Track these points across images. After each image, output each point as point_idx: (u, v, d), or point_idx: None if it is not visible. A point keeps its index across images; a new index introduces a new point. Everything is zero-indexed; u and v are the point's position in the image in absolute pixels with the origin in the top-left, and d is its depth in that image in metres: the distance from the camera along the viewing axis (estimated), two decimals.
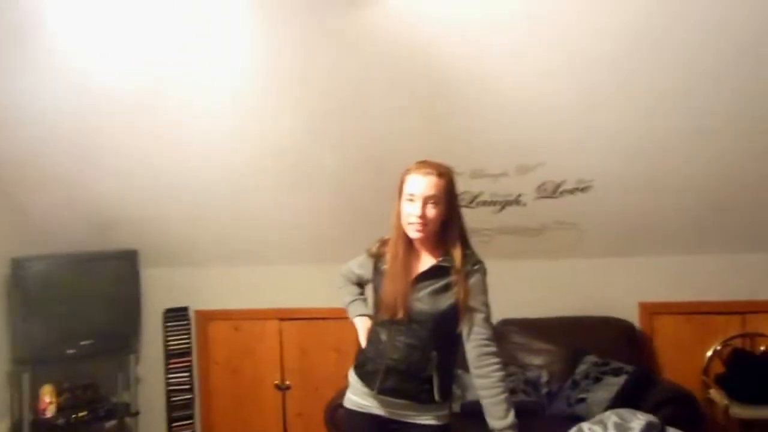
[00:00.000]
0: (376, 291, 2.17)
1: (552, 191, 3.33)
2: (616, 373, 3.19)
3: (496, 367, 1.97)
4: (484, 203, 3.45)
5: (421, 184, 1.99)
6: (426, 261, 2.08)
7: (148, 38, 2.79)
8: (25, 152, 3.44)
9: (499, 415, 1.94)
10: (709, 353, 3.57)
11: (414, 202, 1.99)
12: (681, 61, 2.65)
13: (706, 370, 3.56)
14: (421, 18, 2.58)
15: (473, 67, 2.75)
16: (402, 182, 2.05)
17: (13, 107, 3.18)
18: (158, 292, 4.18)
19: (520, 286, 3.72)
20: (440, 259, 2.05)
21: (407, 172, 2.04)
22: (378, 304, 2.13)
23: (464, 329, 2.00)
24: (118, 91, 3.03)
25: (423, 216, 1.98)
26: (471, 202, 3.43)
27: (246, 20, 2.68)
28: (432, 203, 1.99)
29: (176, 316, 4.17)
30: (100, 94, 3.06)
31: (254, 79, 2.94)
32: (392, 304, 2.03)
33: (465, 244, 2.06)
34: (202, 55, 2.85)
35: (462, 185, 3.29)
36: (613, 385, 3.13)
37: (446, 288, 2.02)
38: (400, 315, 2.02)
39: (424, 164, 2.03)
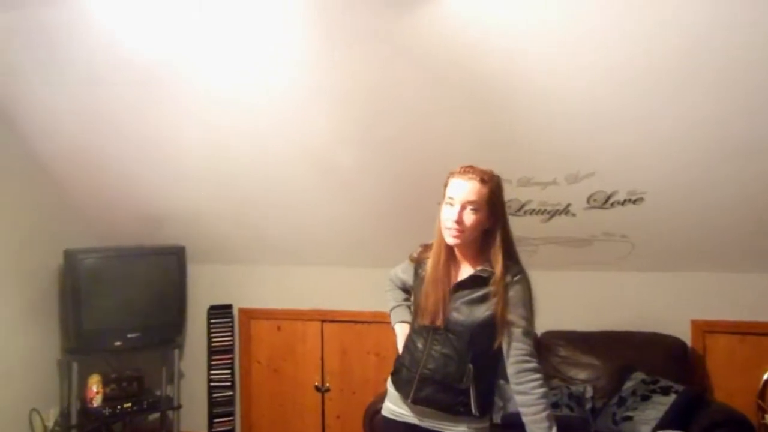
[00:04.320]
0: (415, 297, 2.13)
1: (603, 202, 3.24)
2: (666, 391, 3.08)
3: (537, 383, 1.90)
4: (532, 212, 3.38)
5: (461, 189, 1.94)
6: (465, 270, 2.03)
7: (194, 29, 2.82)
8: (79, 147, 3.55)
9: None
10: (766, 376, 3.41)
11: (453, 207, 1.94)
12: (739, 70, 2.54)
13: (761, 394, 3.40)
14: (472, 22, 2.54)
15: (523, 73, 2.70)
16: (445, 185, 2.00)
17: (67, 102, 3.28)
18: (203, 288, 4.25)
19: (566, 298, 3.65)
20: (479, 268, 1.99)
21: (451, 174, 1.99)
22: (417, 310, 2.09)
23: (503, 343, 1.94)
24: (163, 87, 3.09)
25: (460, 221, 1.93)
26: (518, 210, 3.36)
27: (294, 18, 2.69)
28: (472, 209, 1.93)
29: (220, 313, 4.22)
30: (157, 91, 3.12)
31: (300, 80, 2.95)
32: (432, 310, 1.99)
33: (508, 255, 1.99)
34: (251, 56, 2.88)
35: (509, 193, 3.23)
36: (662, 404, 3.02)
37: (483, 299, 1.96)
38: (439, 322, 1.98)
39: (469, 169, 1.97)
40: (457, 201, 1.94)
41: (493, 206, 1.96)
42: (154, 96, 3.17)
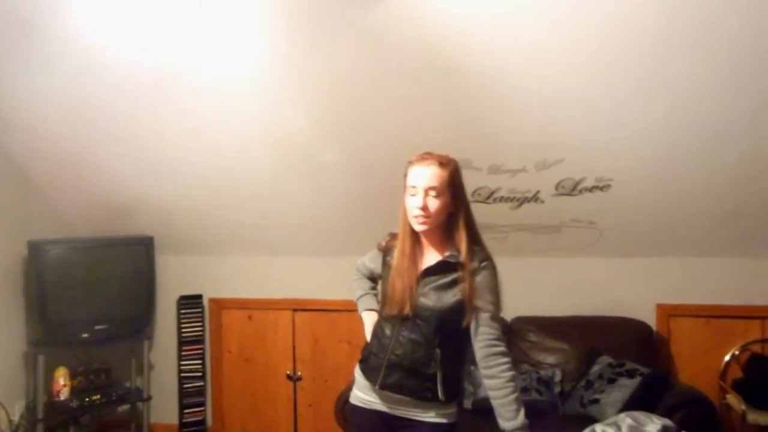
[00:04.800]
0: (383, 285, 2.14)
1: (571, 189, 3.28)
2: (631, 374, 3.14)
3: (505, 367, 1.92)
4: (502, 199, 3.41)
5: (422, 175, 1.95)
6: (432, 256, 2.04)
7: (168, 23, 2.77)
8: (44, 137, 3.47)
9: (509, 416, 1.89)
10: (727, 358, 3.51)
11: (416, 195, 1.96)
12: (701, 63, 2.59)
13: (723, 375, 3.50)
14: (440, 11, 2.54)
15: (492, 61, 2.71)
16: (405, 175, 2.01)
17: (30, 92, 3.20)
18: (173, 279, 4.21)
19: (535, 284, 3.70)
20: (447, 254, 2.00)
21: (410, 163, 2.01)
22: (385, 299, 2.10)
23: (471, 328, 1.96)
24: (135, 78, 3.03)
25: (425, 207, 1.94)
26: (488, 197, 3.39)
27: (262, 10, 2.66)
28: (434, 194, 1.94)
29: (190, 303, 4.18)
30: (118, 80, 3.06)
31: (268, 71, 2.92)
32: (400, 299, 2.00)
33: (473, 239, 2.01)
34: (216, 45, 2.84)
35: (479, 180, 3.30)
36: (627, 386, 3.09)
37: (452, 284, 1.98)
38: (407, 311, 1.99)
39: (426, 155, 1.99)
40: (419, 188, 1.95)
41: (455, 188, 1.98)
42: (124, 85, 3.10)
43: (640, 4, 2.42)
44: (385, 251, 2.14)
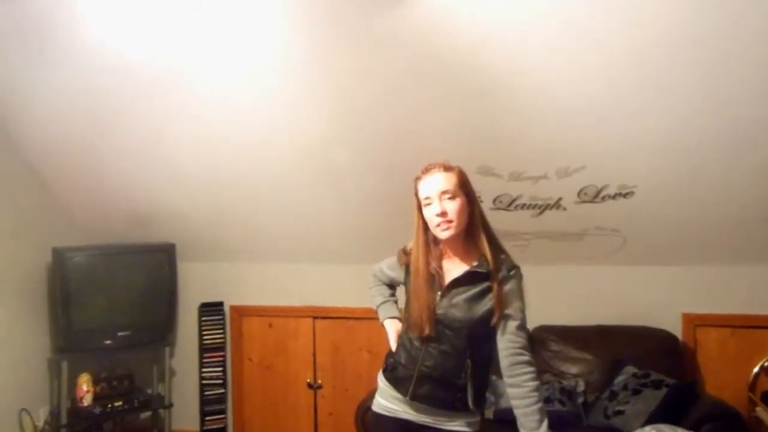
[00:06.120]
0: (407, 294, 2.13)
1: (593, 196, 3.24)
2: (657, 385, 3.08)
3: (530, 376, 1.91)
4: (523, 206, 3.38)
5: (432, 184, 1.98)
6: (458, 267, 2.03)
7: (186, 26, 2.80)
8: (69, 145, 3.52)
9: (531, 426, 1.87)
10: (756, 369, 3.42)
11: (432, 204, 1.97)
12: (725, 66, 2.54)
13: (752, 387, 3.42)
14: (462, 17, 2.53)
15: (513, 67, 2.69)
16: (416, 193, 2.03)
17: (50, 99, 3.24)
18: (194, 286, 4.23)
19: (558, 293, 3.65)
20: (475, 264, 1.99)
21: (417, 179, 2.03)
22: (408, 319, 2.09)
23: (498, 337, 1.94)
24: (155, 84, 3.06)
25: (444, 212, 1.95)
26: (510, 204, 3.36)
27: (284, 18, 2.67)
28: (449, 197, 1.95)
29: (211, 310, 4.20)
30: (139, 87, 3.09)
31: (290, 79, 2.93)
32: (418, 321, 2.00)
33: (496, 247, 2.01)
34: (237, 51, 2.85)
35: (500, 188, 3.27)
36: (653, 398, 3.03)
37: (482, 294, 1.96)
38: (427, 332, 1.98)
39: (429, 165, 2.02)
40: (433, 196, 1.97)
41: (466, 188, 2.00)
42: (145, 94, 3.13)
43: (660, 10, 2.39)
44: (407, 264, 2.13)
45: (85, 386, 3.71)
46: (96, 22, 2.83)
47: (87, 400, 3.71)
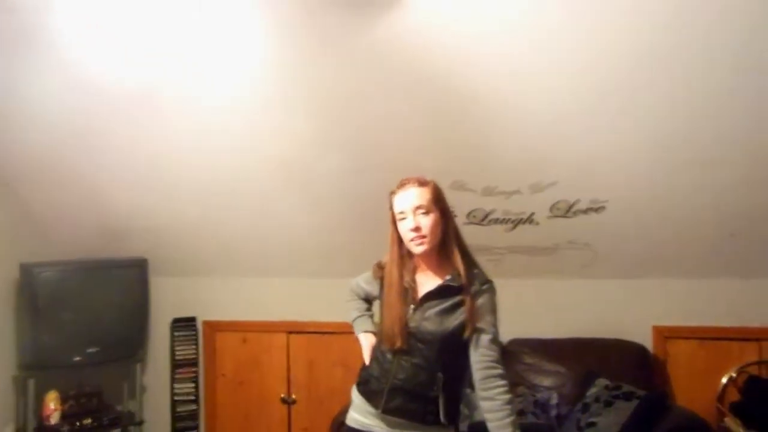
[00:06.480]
0: (381, 307, 2.13)
1: (565, 211, 3.29)
2: (628, 397, 3.12)
3: (503, 389, 1.92)
4: (496, 221, 3.41)
5: (406, 199, 2.00)
6: (431, 280, 2.04)
7: (158, 37, 2.78)
8: (37, 158, 3.46)
9: None
10: (725, 380, 3.49)
11: (406, 218, 1.99)
12: (695, 86, 2.61)
13: (720, 398, 3.48)
14: (436, 33, 2.56)
15: (487, 82, 2.73)
16: (391, 207, 2.05)
17: (23, 111, 3.19)
18: (166, 301, 4.18)
19: (531, 306, 3.68)
20: (448, 278, 2.01)
21: (392, 194, 2.05)
22: (380, 332, 2.10)
23: (471, 350, 1.95)
24: (127, 96, 3.03)
25: (418, 227, 1.96)
26: (483, 219, 3.39)
27: (254, 23, 2.67)
28: (423, 212, 1.97)
29: (184, 326, 4.16)
30: (110, 100, 3.06)
31: (264, 90, 2.93)
32: (389, 333, 2.01)
33: (470, 261, 2.03)
34: (209, 61, 2.84)
35: (474, 202, 3.30)
36: (624, 409, 3.06)
37: (454, 308, 1.98)
38: (399, 344, 1.99)
39: (405, 180, 2.04)
40: (407, 211, 1.98)
41: (440, 203, 2.02)
42: (120, 108, 3.10)
43: (633, 23, 2.44)
44: (381, 278, 2.14)
45: (52, 404, 3.63)
46: (75, 35, 2.80)
47: (54, 419, 3.62)
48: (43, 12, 2.70)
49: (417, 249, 1.99)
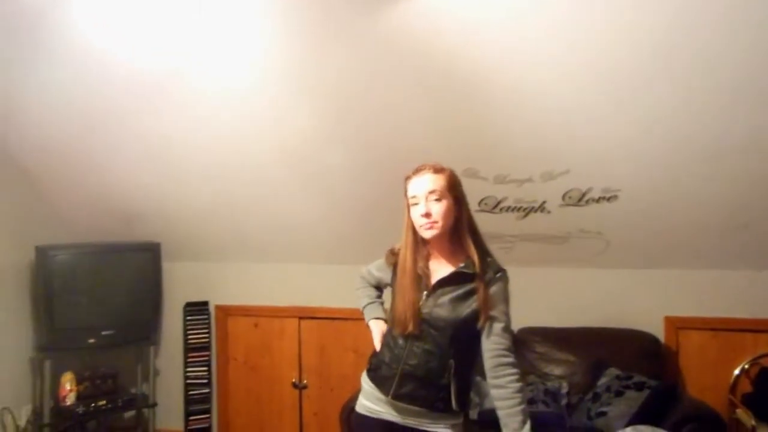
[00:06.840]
0: (393, 292, 2.14)
1: (577, 199, 3.27)
2: (639, 387, 3.11)
3: (514, 378, 1.93)
4: (508, 209, 3.40)
5: (419, 184, 2.00)
6: (444, 267, 2.04)
7: (172, 25, 2.80)
8: (53, 142, 3.49)
9: (514, 427, 1.89)
10: (737, 371, 3.47)
11: (418, 204, 1.99)
12: (709, 66, 2.57)
13: (732, 389, 3.46)
14: (446, 20, 2.54)
15: (498, 70, 2.71)
16: (405, 193, 2.05)
17: (40, 98, 3.23)
18: (179, 285, 4.22)
19: (542, 295, 3.68)
20: (461, 265, 2.01)
21: (407, 179, 2.05)
22: (392, 316, 2.11)
23: (483, 338, 1.96)
24: (141, 82, 3.05)
25: (428, 213, 1.97)
26: (494, 207, 3.38)
27: (272, 18, 2.68)
28: (435, 198, 1.97)
29: (196, 310, 4.19)
30: (125, 85, 3.08)
31: (278, 78, 2.93)
32: (402, 319, 2.01)
33: (482, 249, 2.03)
34: (221, 48, 2.85)
35: (485, 190, 3.29)
36: (635, 399, 3.06)
37: (467, 295, 1.98)
38: (411, 329, 2.00)
39: (421, 166, 2.04)
40: (420, 196, 1.99)
41: (455, 191, 2.01)
42: (136, 94, 3.12)
43: (642, 12, 2.41)
44: (395, 264, 2.14)
45: (68, 385, 3.69)
46: (88, 22, 2.82)
47: (70, 399, 3.69)
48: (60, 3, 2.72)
49: (426, 234, 1.99)
